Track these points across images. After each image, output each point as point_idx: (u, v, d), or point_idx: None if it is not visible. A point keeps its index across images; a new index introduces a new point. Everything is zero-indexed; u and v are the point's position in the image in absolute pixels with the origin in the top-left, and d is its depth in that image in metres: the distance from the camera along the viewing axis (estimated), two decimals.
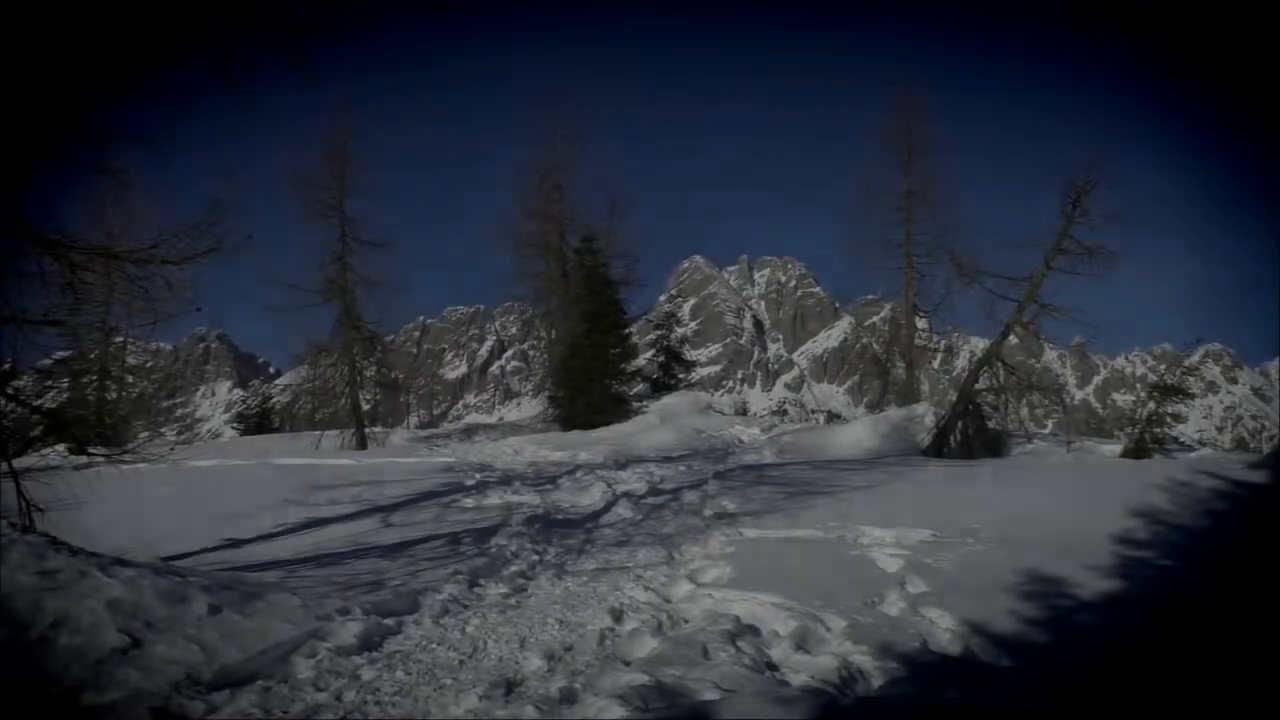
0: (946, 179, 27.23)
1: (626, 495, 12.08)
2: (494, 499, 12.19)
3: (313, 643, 5.38)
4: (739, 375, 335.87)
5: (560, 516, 10.87)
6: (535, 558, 8.31)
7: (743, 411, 53.31)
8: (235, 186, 7.93)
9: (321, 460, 17.05)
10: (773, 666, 5.01)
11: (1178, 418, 15.90)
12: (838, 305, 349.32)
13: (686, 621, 5.98)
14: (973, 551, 7.31)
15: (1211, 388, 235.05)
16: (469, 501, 11.97)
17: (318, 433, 23.19)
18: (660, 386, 33.42)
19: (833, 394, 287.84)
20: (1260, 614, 5.24)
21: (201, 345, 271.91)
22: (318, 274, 23.46)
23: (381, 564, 7.88)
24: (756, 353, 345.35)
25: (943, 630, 5.50)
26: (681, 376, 35.14)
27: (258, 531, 9.71)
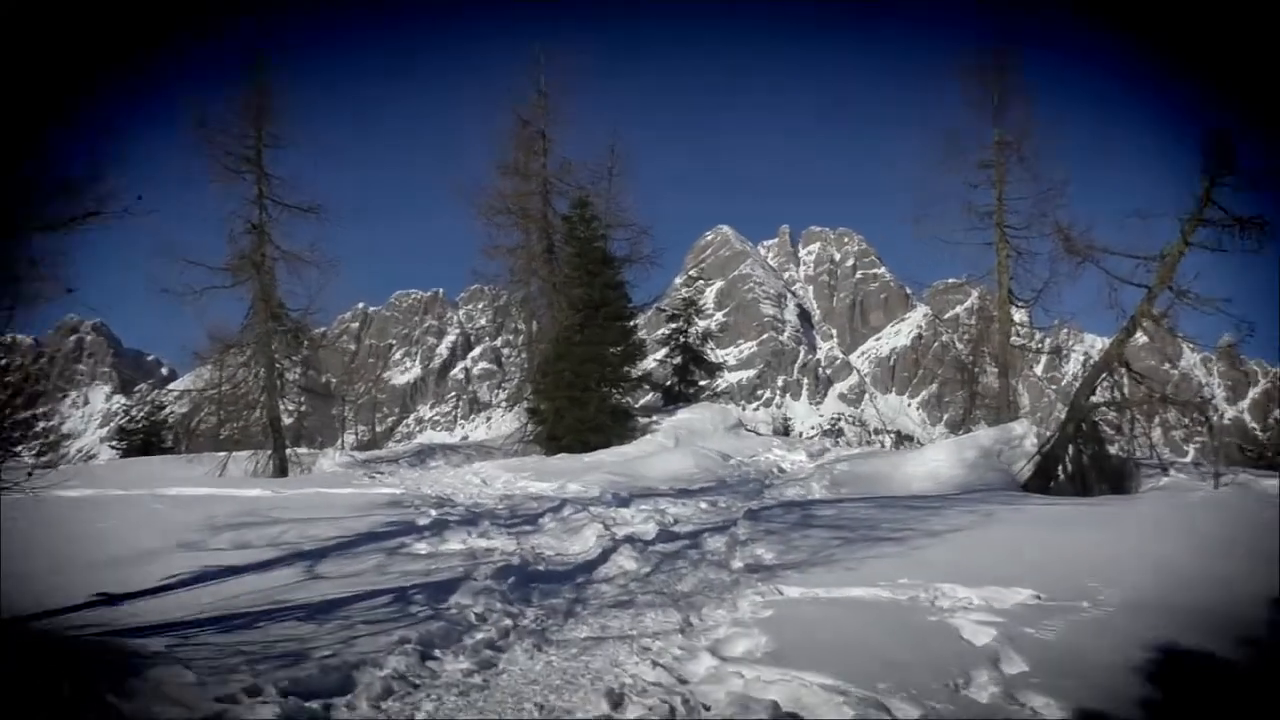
0: (1049, 126, 26.93)
1: (630, 540, 12.04)
2: (455, 543, 12.15)
3: None
4: (779, 382, 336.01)
5: (542, 568, 10.84)
6: (509, 622, 8.27)
7: (784, 430, 53.14)
8: (121, 139, 7.89)
9: (229, 490, 17.05)
10: None
11: None
12: (908, 291, 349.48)
13: (708, 709, 5.93)
14: (1089, 619, 7.24)
15: None
16: (422, 546, 11.94)
17: (223, 454, 23.19)
18: (676, 396, 33.44)
19: (902, 408, 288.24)
20: None
21: (73, 338, 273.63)
22: (227, 247, 23.51)
23: (305, 628, 7.84)
24: (802, 353, 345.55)
25: None
26: (703, 384, 35.15)
27: (143, 583, 9.67)
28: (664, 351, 35.63)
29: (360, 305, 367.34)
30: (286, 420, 24.33)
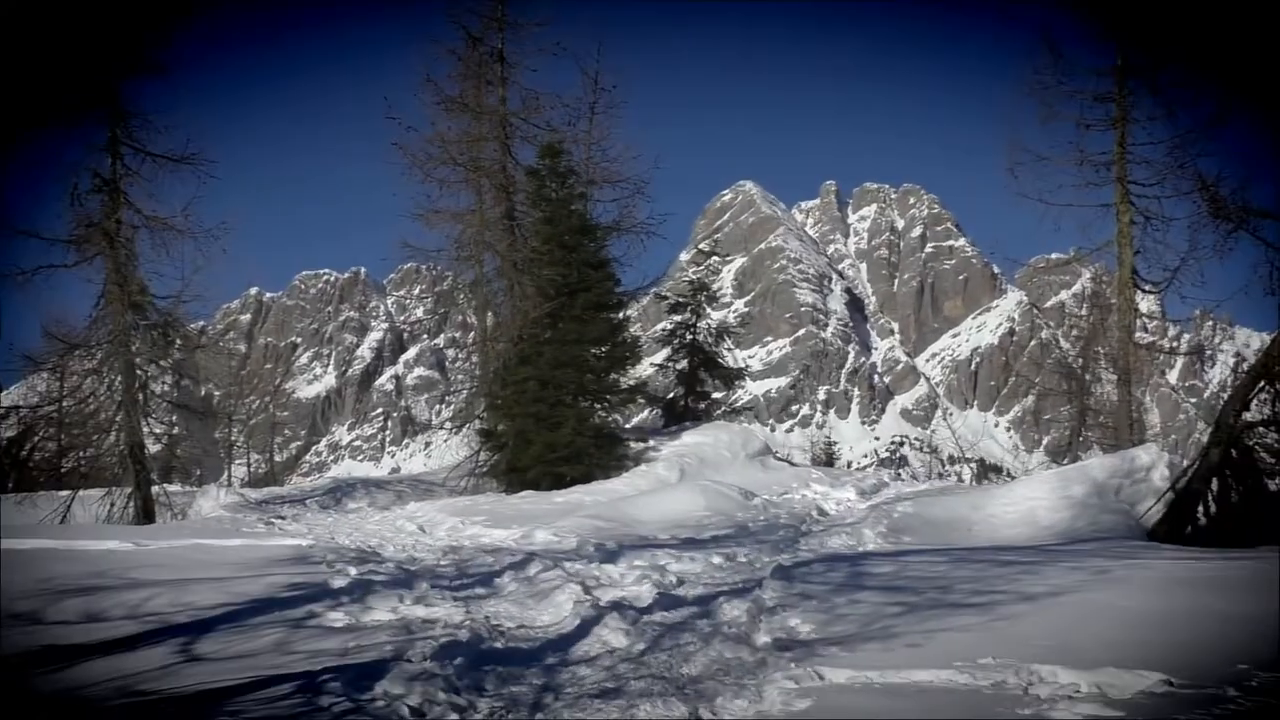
0: (1188, 44, 26.89)
1: (618, 607, 12.06)
2: (382, 613, 12.14)
3: None
4: (820, 395, 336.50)
5: (500, 645, 10.83)
6: (455, 718, 8.28)
7: (826, 459, 53.33)
8: None
9: (73, 543, 17.00)
10: None
11: None
12: (996, 271, 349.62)
13: None
14: (1239, 712, 7.26)
15: None
16: (337, 616, 11.92)
17: (67, 494, 23.15)
18: (681, 414, 33.49)
19: (987, 429, 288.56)
20: None
21: None
22: (69, 212, 23.43)
23: None
24: (852, 355, 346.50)
25: None
26: (718, 396, 35.19)
27: None
28: (665, 353, 35.62)
29: (253, 291, 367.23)
30: (153, 447, 24.33)
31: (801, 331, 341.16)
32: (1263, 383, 18.62)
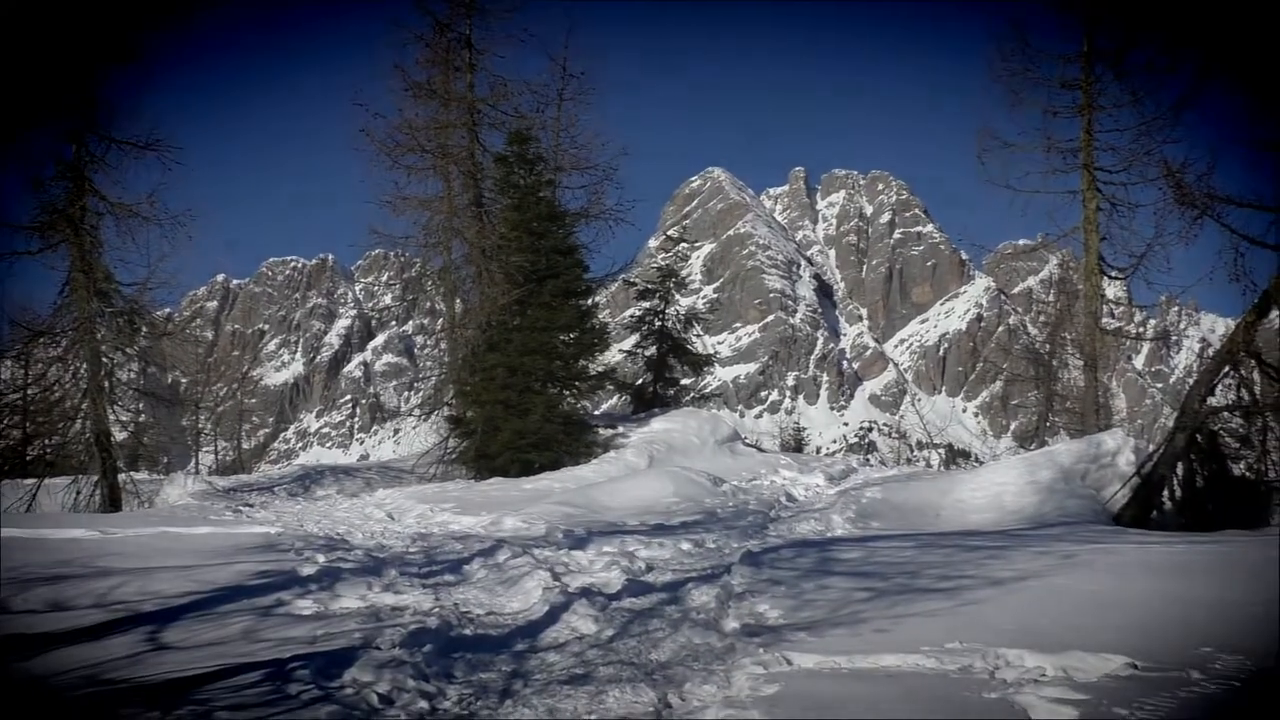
0: (1156, 30, 27.00)
1: (587, 594, 12.06)
2: (351, 600, 12.11)
3: None
4: (789, 380, 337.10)
5: (469, 632, 10.82)
6: (424, 704, 8.26)
7: (795, 445, 53.42)
8: None
9: (38, 531, 16.89)
10: None
11: None
12: (965, 257, 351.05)
13: None
14: (1202, 695, 7.31)
15: None
16: (306, 604, 11.88)
17: (32, 481, 22.97)
18: (650, 400, 33.47)
19: (955, 414, 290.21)
20: None
21: None
22: (32, 199, 23.23)
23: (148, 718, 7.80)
24: (821, 341, 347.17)
25: None
26: (687, 383, 35.18)
27: None
28: (633, 340, 35.59)
29: (220, 278, 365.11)
30: (119, 435, 24.14)
31: (770, 318, 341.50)
32: (1228, 368, 18.70)
